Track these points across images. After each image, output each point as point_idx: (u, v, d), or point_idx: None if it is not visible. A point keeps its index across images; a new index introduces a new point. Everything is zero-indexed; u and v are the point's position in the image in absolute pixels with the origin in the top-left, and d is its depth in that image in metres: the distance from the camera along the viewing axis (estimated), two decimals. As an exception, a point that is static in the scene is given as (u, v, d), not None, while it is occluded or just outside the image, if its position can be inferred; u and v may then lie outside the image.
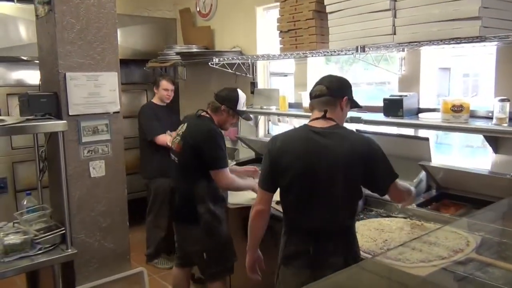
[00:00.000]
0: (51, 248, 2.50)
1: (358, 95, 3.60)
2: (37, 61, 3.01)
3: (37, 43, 2.86)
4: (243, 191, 2.88)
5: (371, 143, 1.98)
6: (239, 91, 2.87)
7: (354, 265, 1.46)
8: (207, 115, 2.78)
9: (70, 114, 2.61)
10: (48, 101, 2.58)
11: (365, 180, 1.97)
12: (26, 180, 4.12)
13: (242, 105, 2.84)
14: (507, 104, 2.29)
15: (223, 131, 2.80)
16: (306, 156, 1.94)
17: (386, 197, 2.09)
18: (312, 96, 2.07)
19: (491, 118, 2.39)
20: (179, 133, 2.77)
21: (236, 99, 2.81)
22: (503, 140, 2.46)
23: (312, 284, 1.40)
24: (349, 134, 2.01)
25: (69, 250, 2.50)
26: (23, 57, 4.07)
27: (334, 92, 2.02)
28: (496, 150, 2.50)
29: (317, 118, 2.02)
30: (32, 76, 4.09)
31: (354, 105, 2.14)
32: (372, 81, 3.55)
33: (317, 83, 2.07)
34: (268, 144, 2.10)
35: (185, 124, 2.78)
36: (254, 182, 2.85)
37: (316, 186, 1.94)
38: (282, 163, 1.99)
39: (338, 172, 1.90)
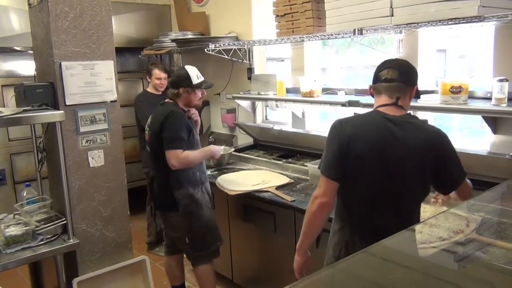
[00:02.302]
0: (52, 238, 2.50)
1: (356, 79, 3.62)
2: (31, 51, 2.98)
3: (31, 33, 2.82)
4: (204, 159, 2.90)
5: (444, 136, 1.84)
6: (186, 66, 2.84)
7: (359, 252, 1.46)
8: (171, 101, 2.81)
9: (67, 104, 2.58)
10: (44, 91, 2.55)
11: (434, 176, 1.82)
12: (25, 172, 4.11)
13: (197, 78, 2.80)
14: (506, 84, 2.29)
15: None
16: (382, 145, 1.78)
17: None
18: (382, 79, 1.85)
19: (489, 98, 2.39)
20: (148, 123, 2.84)
21: (187, 76, 2.77)
22: (502, 121, 2.47)
23: (318, 271, 1.40)
24: (424, 125, 1.87)
25: (71, 240, 2.51)
26: (16, 48, 4.03)
27: (407, 79, 1.84)
28: (495, 130, 2.51)
29: (386, 105, 1.84)
30: (26, 67, 4.06)
31: (416, 94, 1.99)
32: (369, 64, 3.53)
33: (386, 66, 1.87)
34: (334, 128, 1.88)
35: (152, 114, 2.85)
36: (212, 147, 2.94)
37: (388, 179, 1.78)
38: (354, 149, 1.79)
39: (412, 167, 1.77)
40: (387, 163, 1.78)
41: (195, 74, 2.80)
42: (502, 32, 2.44)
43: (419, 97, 2.07)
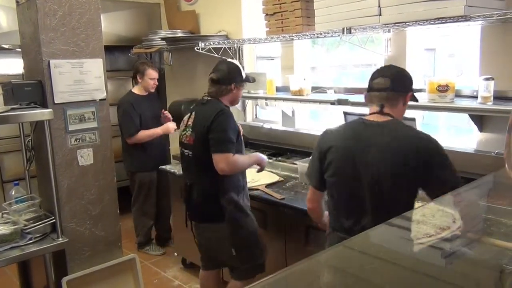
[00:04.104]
0: (41, 237, 2.49)
1: (345, 78, 3.65)
2: (19, 49, 2.95)
3: (19, 31, 2.80)
4: (250, 166, 2.64)
5: (430, 140, 1.80)
6: (233, 60, 2.63)
7: (340, 244, 1.48)
8: (214, 99, 2.51)
9: (55, 102, 2.57)
10: (32, 89, 2.53)
11: (422, 183, 1.79)
12: (13, 171, 4.07)
13: (244, 72, 2.58)
14: (492, 83, 2.32)
15: None
16: (351, 152, 1.82)
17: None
18: (373, 88, 1.88)
19: (476, 97, 2.42)
20: (189, 124, 2.52)
21: (240, 70, 2.54)
22: (488, 119, 2.50)
23: (297, 263, 1.41)
24: (406, 130, 1.84)
25: (60, 239, 2.50)
26: (4, 45, 3.99)
27: (398, 87, 1.86)
28: (481, 128, 2.54)
29: (374, 113, 1.88)
30: (14, 65, 4.01)
31: (413, 98, 2.00)
32: (358, 63, 3.56)
33: (380, 74, 1.88)
34: (319, 138, 1.98)
35: (193, 113, 2.53)
36: (261, 155, 2.72)
37: (358, 184, 1.80)
38: (328, 157, 1.89)
39: (385, 170, 1.75)
40: (356, 167, 1.80)
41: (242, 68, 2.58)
42: (487, 31, 2.47)
43: (417, 101, 2.08)
